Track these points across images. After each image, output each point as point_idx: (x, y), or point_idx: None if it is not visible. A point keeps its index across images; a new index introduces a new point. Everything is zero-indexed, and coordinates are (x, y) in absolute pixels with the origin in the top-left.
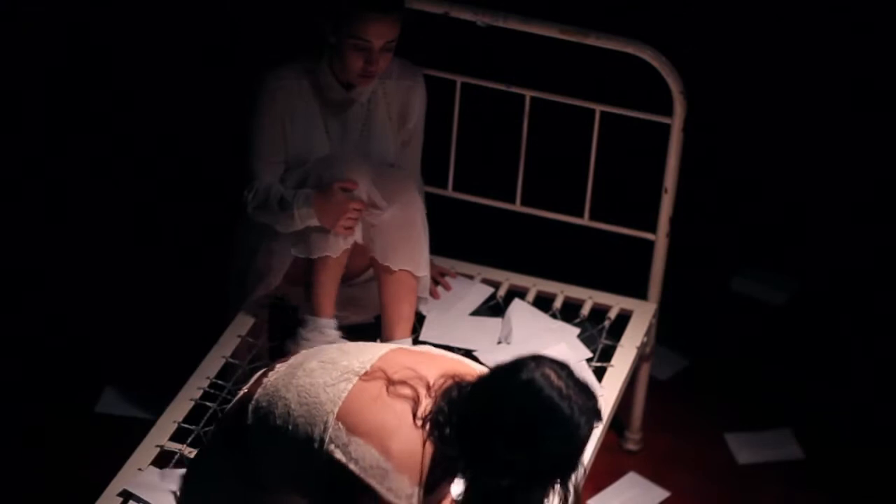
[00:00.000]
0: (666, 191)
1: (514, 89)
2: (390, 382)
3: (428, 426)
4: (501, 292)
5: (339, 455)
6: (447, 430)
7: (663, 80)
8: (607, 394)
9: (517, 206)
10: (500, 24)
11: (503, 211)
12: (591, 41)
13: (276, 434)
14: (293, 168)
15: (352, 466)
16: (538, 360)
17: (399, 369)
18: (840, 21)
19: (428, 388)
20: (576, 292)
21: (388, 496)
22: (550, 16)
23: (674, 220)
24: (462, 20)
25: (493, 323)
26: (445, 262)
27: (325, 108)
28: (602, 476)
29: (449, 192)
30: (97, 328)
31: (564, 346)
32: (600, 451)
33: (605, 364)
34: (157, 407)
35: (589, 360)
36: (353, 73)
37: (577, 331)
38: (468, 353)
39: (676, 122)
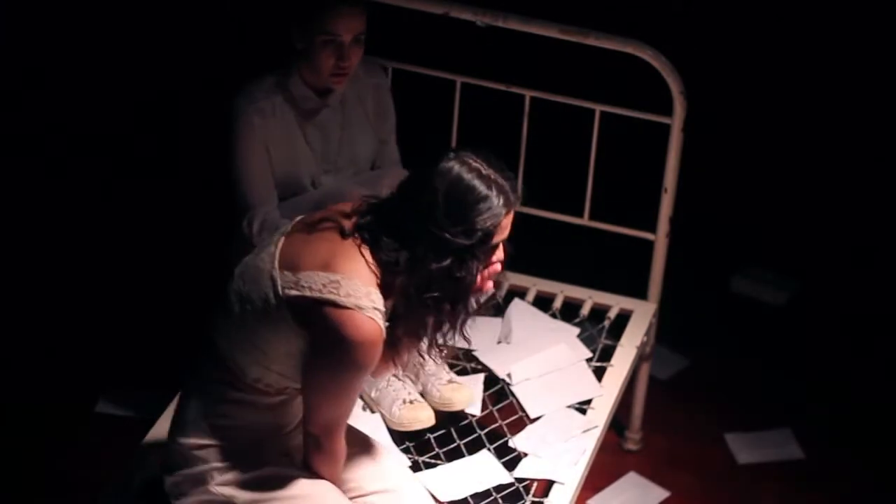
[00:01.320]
0: (666, 191)
1: (514, 89)
2: (311, 225)
3: (358, 234)
4: (501, 292)
5: (294, 292)
6: (379, 232)
7: (663, 80)
8: (607, 394)
9: (517, 207)
10: (500, 24)
11: None
12: (591, 41)
13: (244, 319)
14: (278, 184)
15: (308, 294)
16: (456, 150)
17: (315, 215)
18: (840, 21)
19: (346, 215)
20: (576, 292)
21: (350, 301)
22: (550, 16)
23: (674, 220)
24: (462, 20)
25: (493, 323)
26: None
27: (302, 120)
28: (602, 476)
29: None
30: (97, 328)
31: (564, 346)
32: (600, 451)
33: (605, 364)
34: (157, 407)
35: (589, 360)
36: (325, 73)
37: (576, 331)
38: (468, 353)
39: (676, 122)
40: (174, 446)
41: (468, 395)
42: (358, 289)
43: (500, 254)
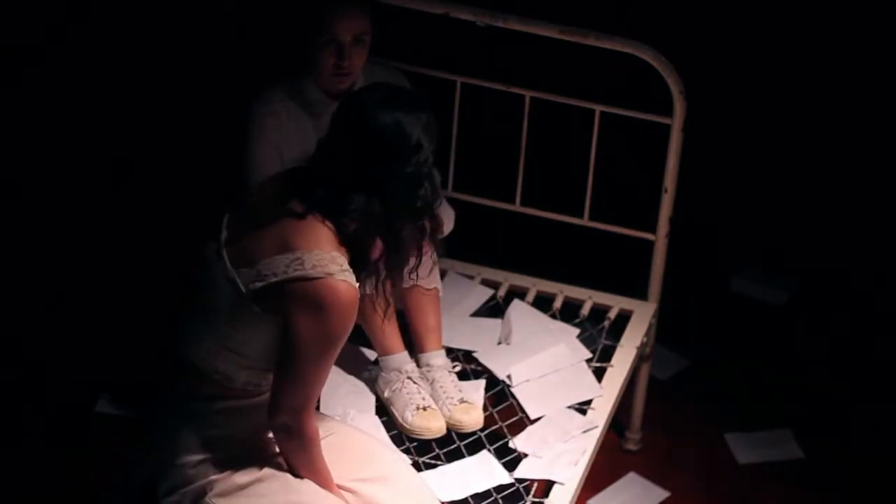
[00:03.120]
0: (666, 191)
1: (514, 89)
2: (250, 221)
3: (318, 210)
4: (501, 292)
5: (259, 284)
6: (340, 196)
7: (663, 80)
8: (607, 394)
9: (517, 207)
10: (500, 24)
11: (503, 211)
12: (591, 41)
13: (215, 328)
14: None
15: (273, 279)
16: (361, 92)
17: (246, 208)
18: (840, 20)
19: (278, 197)
20: (576, 292)
21: (318, 271)
22: (550, 16)
23: (674, 220)
24: (462, 20)
25: (493, 323)
26: (445, 263)
27: (317, 125)
28: (602, 476)
29: (449, 192)
30: (97, 328)
31: (564, 346)
32: (600, 451)
33: (605, 364)
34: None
35: (589, 361)
36: (326, 73)
37: (576, 331)
38: (468, 354)
39: (676, 122)
40: (171, 469)
41: (477, 418)
42: (322, 256)
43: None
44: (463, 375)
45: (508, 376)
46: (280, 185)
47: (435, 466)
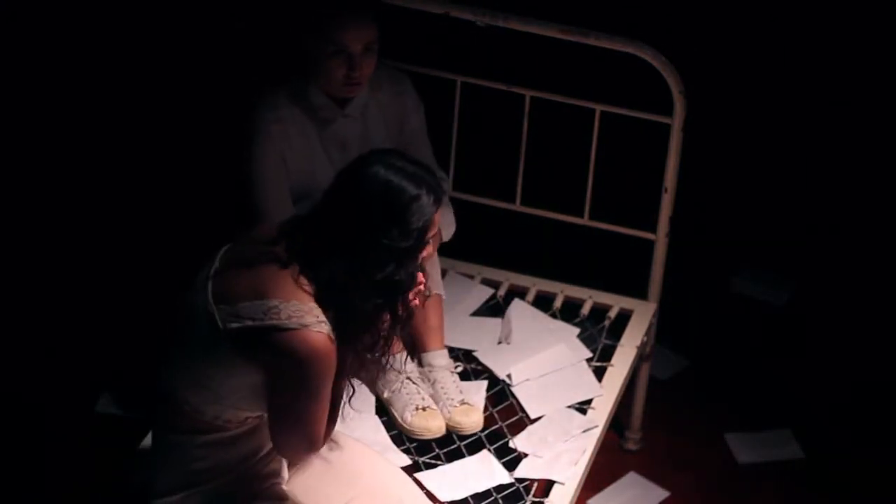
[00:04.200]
0: (666, 191)
1: (514, 89)
2: (242, 259)
3: (294, 261)
4: (501, 292)
5: (235, 325)
6: (313, 251)
7: (663, 80)
8: (607, 394)
9: (517, 206)
10: (500, 24)
11: (503, 211)
12: (591, 41)
13: (189, 361)
14: (295, 196)
15: (249, 323)
16: (372, 153)
17: (242, 246)
18: (840, 21)
19: (272, 241)
20: (576, 292)
21: (293, 322)
22: (550, 16)
23: (674, 220)
24: (462, 20)
25: (493, 323)
26: (445, 262)
27: (322, 131)
28: (602, 476)
29: (449, 192)
30: (97, 328)
31: (564, 346)
32: (600, 451)
33: (605, 364)
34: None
35: (589, 360)
36: (337, 83)
37: (576, 331)
38: (468, 354)
39: (676, 122)
40: (156, 502)
41: (477, 420)
42: (298, 308)
43: (429, 248)
44: (463, 375)
45: (508, 376)
46: (280, 227)
47: (435, 466)
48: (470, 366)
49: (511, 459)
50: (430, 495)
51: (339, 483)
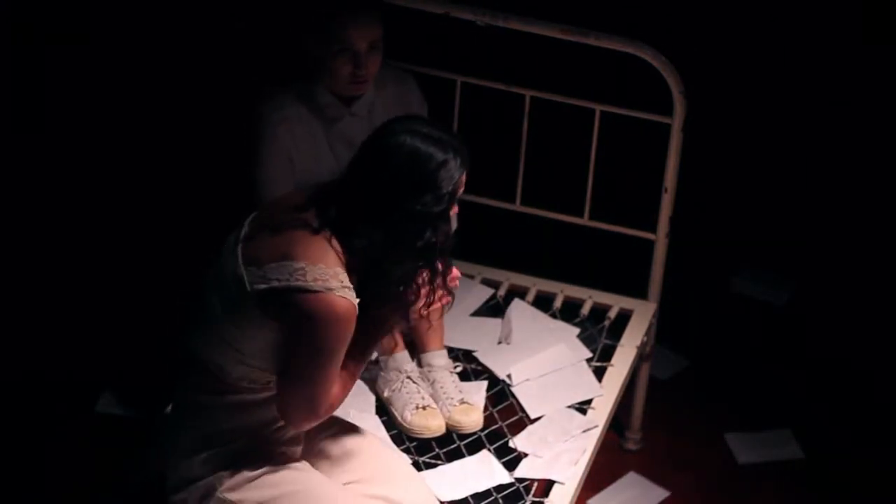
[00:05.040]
0: (666, 191)
1: (514, 89)
2: (270, 225)
3: (328, 228)
4: (501, 292)
5: (262, 286)
6: (348, 221)
7: (663, 80)
8: (607, 394)
9: (517, 206)
10: (500, 24)
11: (503, 211)
12: (591, 41)
13: (217, 321)
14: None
15: (275, 284)
16: (396, 120)
17: (270, 212)
18: (840, 21)
19: (300, 208)
20: (576, 292)
21: (319, 285)
22: (550, 16)
23: (674, 220)
24: (462, 20)
25: (493, 323)
26: None
27: (328, 130)
28: (602, 476)
29: None
30: (97, 328)
31: (564, 346)
32: (600, 451)
33: (605, 364)
34: (158, 407)
35: (589, 360)
36: (343, 81)
37: (576, 331)
38: (468, 354)
39: (676, 122)
40: (177, 464)
41: (477, 419)
42: (324, 271)
43: (455, 207)
44: (463, 375)
45: (508, 376)
46: (307, 194)
47: (435, 466)
48: (470, 366)
49: (511, 459)
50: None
51: (352, 464)
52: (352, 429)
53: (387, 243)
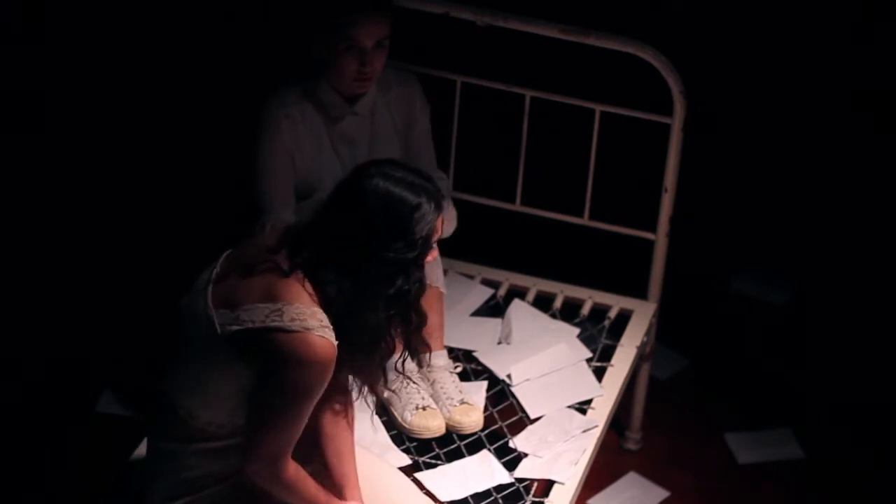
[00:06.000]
0: (666, 191)
1: (514, 89)
2: (242, 265)
3: (300, 271)
4: (501, 292)
5: (235, 327)
6: (318, 266)
7: (663, 80)
8: (607, 394)
9: (517, 206)
10: (500, 24)
11: (503, 211)
12: (591, 41)
13: (188, 362)
14: (301, 192)
15: (250, 326)
16: (371, 164)
17: (243, 253)
18: (840, 21)
19: (273, 251)
20: (576, 292)
21: (296, 324)
22: (550, 16)
23: (674, 220)
24: (462, 20)
25: (493, 323)
26: (445, 262)
27: (331, 128)
28: (602, 476)
29: (450, 189)
30: (97, 328)
31: (564, 346)
32: (600, 451)
33: (605, 364)
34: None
35: (589, 360)
36: (348, 78)
37: (576, 331)
38: (468, 354)
39: (676, 122)
40: None
41: (477, 419)
42: (302, 311)
43: (433, 253)
44: (463, 375)
45: (508, 376)
46: (279, 236)
47: (435, 466)
48: (470, 366)
49: (511, 459)
50: (430, 495)
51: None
52: (361, 456)
53: (356, 290)
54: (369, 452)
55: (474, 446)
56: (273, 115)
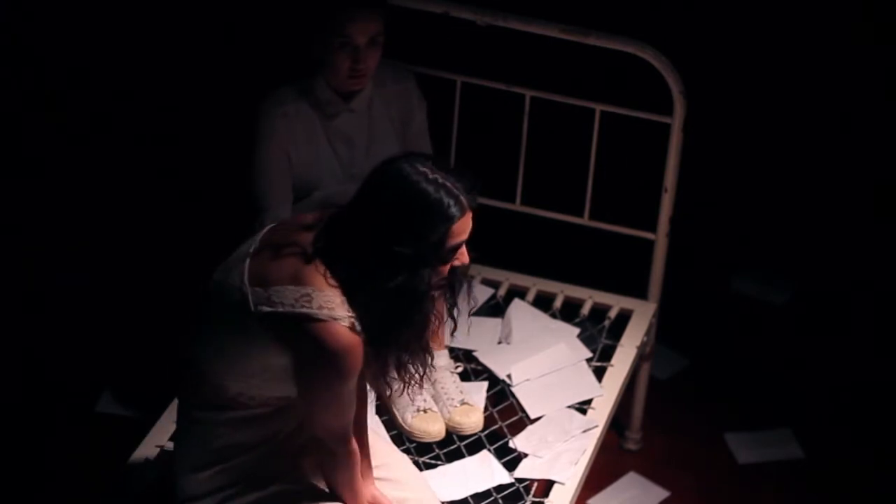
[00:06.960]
0: (666, 191)
1: (514, 89)
2: (276, 244)
3: (318, 257)
4: (501, 292)
5: (266, 308)
6: (333, 253)
7: (663, 80)
8: (607, 394)
9: (517, 206)
10: (500, 23)
11: (503, 211)
12: (592, 41)
13: (218, 336)
14: (299, 190)
15: (281, 309)
16: (405, 155)
17: (279, 233)
18: (839, 21)
19: (307, 227)
20: (576, 292)
21: (324, 313)
22: (551, 16)
23: (674, 220)
24: (462, 20)
25: (493, 323)
26: None
27: (327, 126)
28: (602, 476)
29: None
30: (97, 328)
31: (564, 346)
32: (600, 451)
33: (605, 364)
34: (157, 407)
35: (589, 360)
36: (342, 75)
37: (576, 331)
38: (468, 354)
39: (676, 122)
40: (183, 479)
41: (477, 420)
42: (331, 300)
43: (463, 257)
44: (463, 375)
45: (508, 376)
46: (315, 219)
47: (435, 466)
48: (470, 366)
49: (511, 459)
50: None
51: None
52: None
53: (362, 283)
54: (373, 432)
55: (474, 446)
56: (269, 114)
